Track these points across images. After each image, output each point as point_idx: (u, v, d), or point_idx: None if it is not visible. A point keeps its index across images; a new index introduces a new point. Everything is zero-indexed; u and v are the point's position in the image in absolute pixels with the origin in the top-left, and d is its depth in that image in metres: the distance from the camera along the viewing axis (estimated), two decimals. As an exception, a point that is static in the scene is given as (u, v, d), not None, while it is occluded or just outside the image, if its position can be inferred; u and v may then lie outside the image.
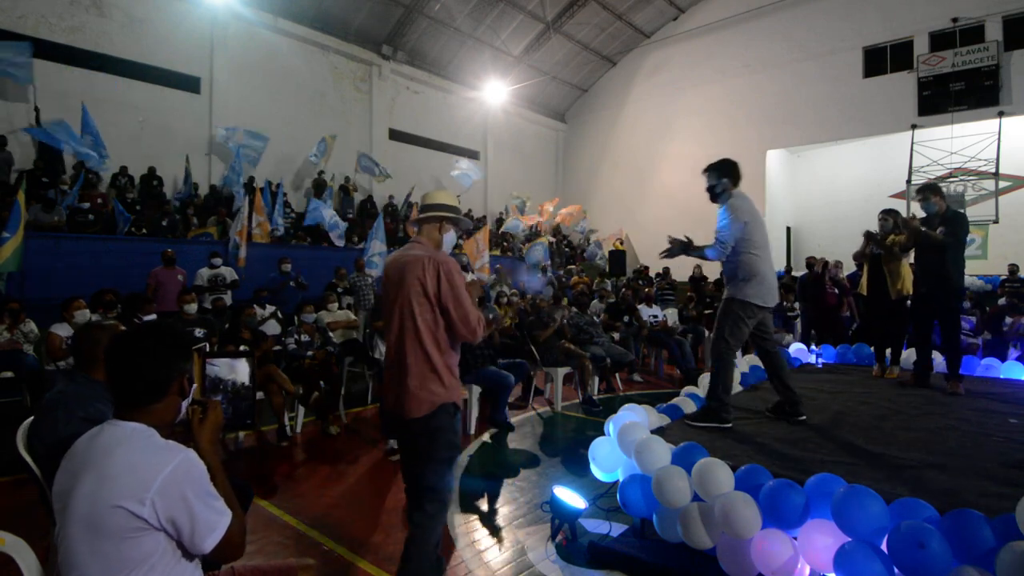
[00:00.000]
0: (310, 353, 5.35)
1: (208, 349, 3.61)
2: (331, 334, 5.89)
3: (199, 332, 5.32)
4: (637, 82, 18.27)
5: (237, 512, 1.44)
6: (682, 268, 13.65)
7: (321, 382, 5.08)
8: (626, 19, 16.73)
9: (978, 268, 12.60)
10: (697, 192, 3.79)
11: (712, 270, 13.10)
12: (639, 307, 8.67)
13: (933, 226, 4.43)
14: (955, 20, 12.91)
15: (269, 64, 12.31)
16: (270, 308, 6.95)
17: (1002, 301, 8.70)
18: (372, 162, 13.36)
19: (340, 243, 10.70)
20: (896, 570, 2.01)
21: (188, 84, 11.17)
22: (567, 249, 17.08)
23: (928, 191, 4.50)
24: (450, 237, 2.52)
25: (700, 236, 3.79)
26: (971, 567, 1.90)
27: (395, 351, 2.35)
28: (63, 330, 4.80)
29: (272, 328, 6.16)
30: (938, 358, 4.87)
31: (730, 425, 3.42)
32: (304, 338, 5.54)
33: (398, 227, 13.07)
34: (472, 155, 17.17)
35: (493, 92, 16.31)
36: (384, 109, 14.61)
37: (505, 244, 15.11)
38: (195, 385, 1.79)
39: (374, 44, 14.17)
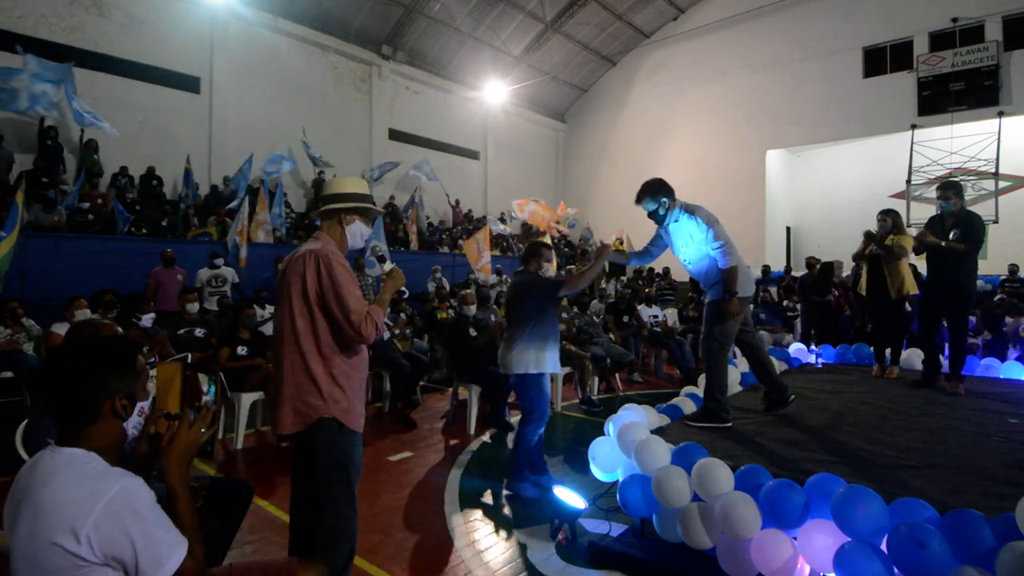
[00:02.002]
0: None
1: (190, 359, 3.56)
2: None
3: (199, 332, 5.32)
4: (637, 82, 18.27)
5: (195, 542, 1.34)
6: (683, 268, 13.67)
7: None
8: (626, 19, 16.73)
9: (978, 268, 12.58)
10: (697, 193, 3.82)
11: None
12: (639, 307, 8.67)
13: (946, 225, 4.41)
14: (955, 20, 12.91)
15: (269, 64, 12.32)
16: (271, 308, 6.96)
17: (998, 299, 8.67)
18: (386, 167, 13.41)
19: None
20: (896, 570, 2.01)
21: (188, 84, 11.17)
22: (566, 249, 17.07)
23: (950, 190, 4.45)
24: (357, 229, 2.28)
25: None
26: (971, 567, 1.89)
27: (275, 356, 2.14)
28: (63, 329, 4.80)
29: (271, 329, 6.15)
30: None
31: (730, 424, 3.42)
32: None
33: (398, 227, 13.07)
34: (472, 155, 17.18)
35: (493, 92, 16.32)
36: (384, 109, 14.62)
37: (504, 244, 15.11)
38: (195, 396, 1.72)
39: (374, 44, 14.17)
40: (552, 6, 15.31)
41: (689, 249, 3.56)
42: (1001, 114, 12.40)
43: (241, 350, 4.84)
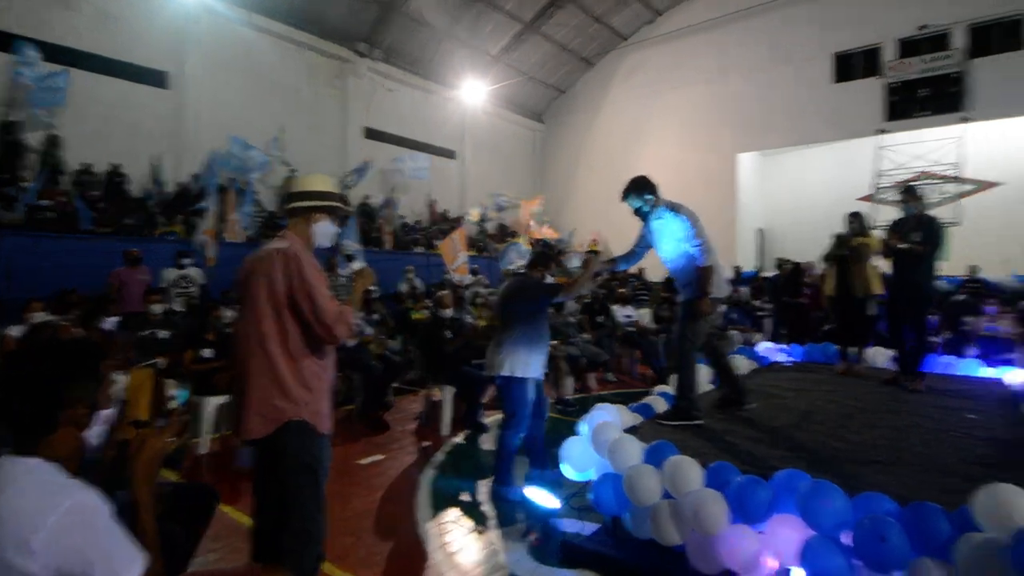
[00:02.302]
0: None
1: (161, 365, 3.46)
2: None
3: (163, 334, 5.18)
4: (614, 84, 18.41)
5: (155, 556, 1.29)
6: (657, 269, 13.82)
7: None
8: (603, 21, 16.84)
9: (940, 269, 12.98)
10: (672, 193, 3.84)
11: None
12: (613, 307, 8.72)
13: (908, 228, 4.55)
14: (922, 27, 13.28)
15: (242, 60, 12.05)
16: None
17: (959, 299, 8.96)
18: (365, 169, 13.23)
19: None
20: (859, 563, 2.05)
21: (157, 79, 10.88)
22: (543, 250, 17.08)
23: (909, 194, 4.62)
24: (324, 228, 2.21)
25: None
26: (929, 559, 1.94)
27: (238, 360, 2.07)
28: (19, 332, 4.63)
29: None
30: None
31: (701, 422, 3.46)
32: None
33: (372, 227, 12.93)
34: (449, 155, 17.09)
35: (471, 91, 16.27)
36: (360, 107, 14.44)
37: (481, 245, 15.08)
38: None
39: (350, 41, 13.99)
40: (530, 6, 15.33)
41: (669, 247, 3.60)
42: (965, 119, 12.80)
43: (206, 352, 4.72)
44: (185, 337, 5.05)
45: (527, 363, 3.54)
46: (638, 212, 3.66)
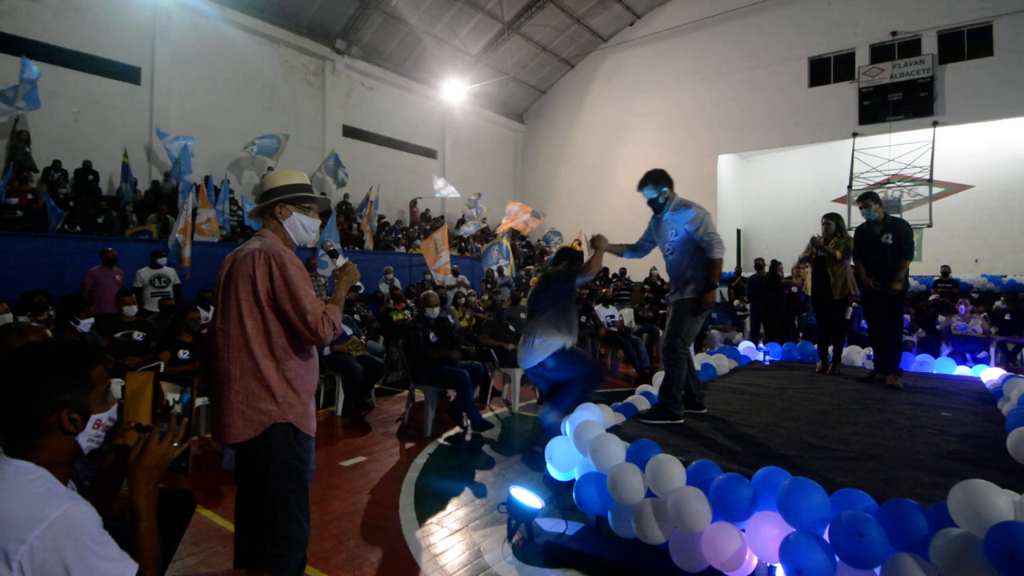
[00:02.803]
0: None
1: (160, 368, 3.39)
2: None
3: (137, 335, 5.06)
4: (594, 85, 18.51)
5: (150, 569, 1.25)
6: (638, 269, 13.92)
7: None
8: (584, 22, 16.92)
9: (913, 269, 13.28)
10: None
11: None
12: (596, 307, 8.76)
13: (876, 232, 4.67)
14: (894, 34, 13.61)
15: (215, 56, 11.83)
16: (216, 310, 6.67)
17: (932, 298, 9.20)
18: (338, 164, 13.05)
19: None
20: (837, 558, 2.08)
21: (127, 74, 10.63)
22: (524, 250, 17.12)
23: (869, 199, 4.74)
24: (296, 222, 2.13)
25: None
26: (906, 554, 1.98)
27: (216, 361, 1.99)
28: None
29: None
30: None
31: (682, 421, 3.49)
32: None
33: (351, 226, 12.81)
34: (429, 154, 17.01)
35: (451, 91, 16.19)
36: (338, 105, 14.28)
37: (464, 244, 15.04)
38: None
39: (327, 38, 13.83)
40: (511, 6, 15.33)
41: (675, 241, 3.66)
42: (935, 124, 13.15)
43: (183, 354, 4.62)
44: (161, 339, 4.94)
45: (563, 334, 3.82)
46: (652, 203, 3.71)
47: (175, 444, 1.46)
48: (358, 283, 2.34)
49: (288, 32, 13.03)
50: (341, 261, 2.28)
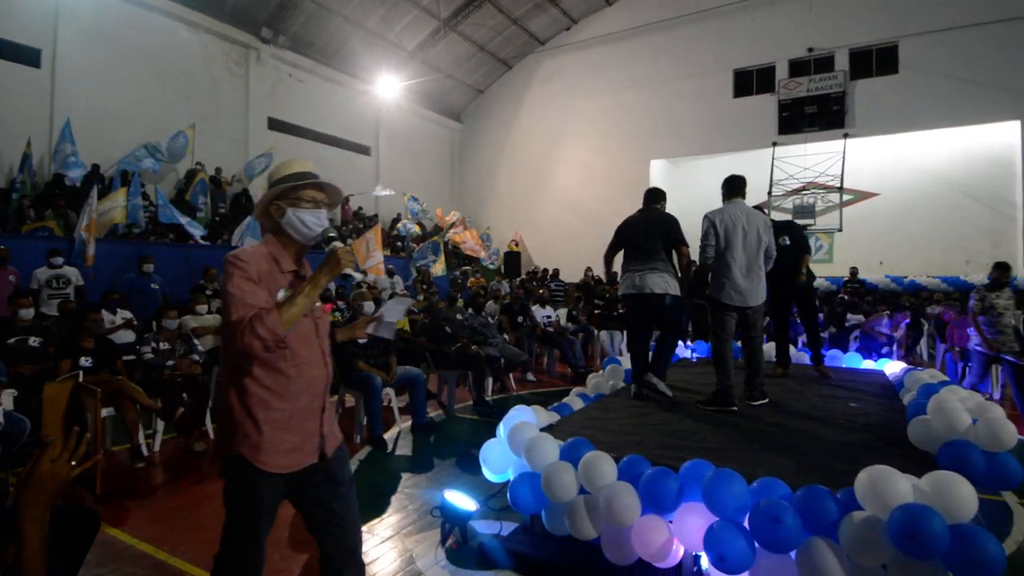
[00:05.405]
0: (171, 363, 4.83)
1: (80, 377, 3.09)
2: (197, 341, 5.34)
3: (34, 341, 4.61)
4: (532, 87, 18.67)
5: None
6: (571, 269, 14.16)
7: (184, 395, 4.60)
8: (521, 24, 17.03)
9: (824, 271, 14.28)
10: (589, 195, 3.98)
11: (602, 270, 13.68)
12: (533, 307, 8.82)
13: (777, 233, 4.98)
14: (810, 50, 14.54)
15: (126, 39, 10.92)
16: (123, 313, 6.20)
17: (842, 297, 9.89)
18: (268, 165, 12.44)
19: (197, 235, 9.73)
20: (757, 544, 2.16)
21: (25, 56, 9.69)
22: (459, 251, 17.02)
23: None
24: (298, 218, 1.81)
25: (592, 237, 3.97)
26: (818, 538, 2.09)
27: None
28: None
29: (126, 337, 5.51)
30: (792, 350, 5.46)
31: (735, 408, 3.75)
32: (163, 346, 4.97)
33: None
34: (362, 150, 16.57)
35: (385, 86, 15.76)
36: (263, 96, 13.59)
37: (399, 244, 14.76)
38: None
39: (252, 25, 13.13)
40: (447, 4, 15.19)
41: None
42: (846, 135, 14.16)
43: (85, 361, 4.25)
44: (60, 344, 4.53)
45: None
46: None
47: (72, 463, 1.31)
48: (351, 272, 1.76)
49: (208, 17, 12.24)
50: (349, 242, 1.98)
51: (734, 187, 4.25)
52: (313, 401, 1.81)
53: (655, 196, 4.50)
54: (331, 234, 1.88)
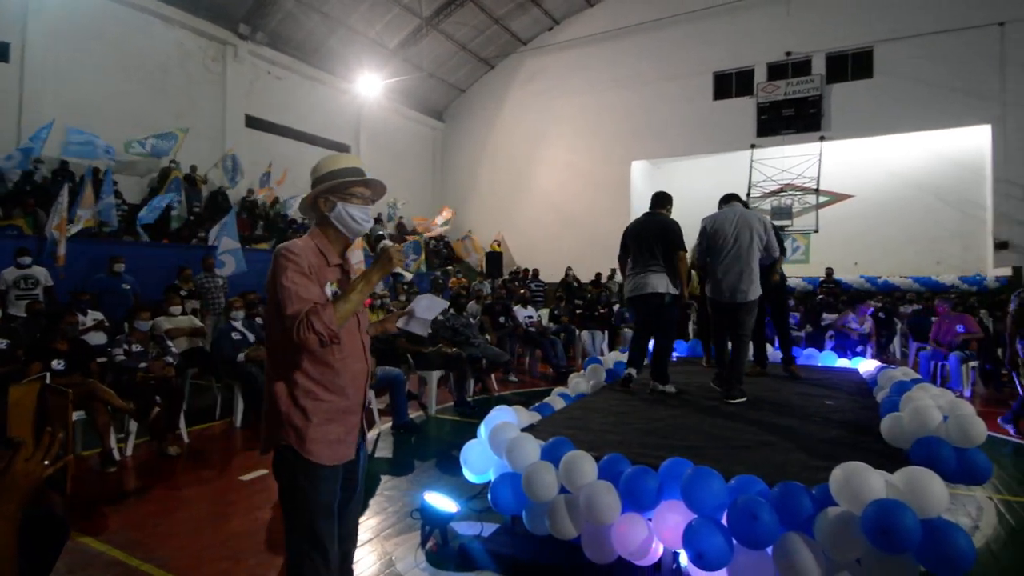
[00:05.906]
0: (143, 365, 4.72)
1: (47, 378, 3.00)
2: (171, 343, 5.23)
3: (1, 343, 4.47)
4: (514, 87, 18.67)
5: None
6: (552, 269, 14.19)
7: (157, 397, 4.50)
8: (503, 24, 17.02)
9: (801, 271, 14.53)
10: (571, 196, 3.99)
11: (585, 274, 13.76)
12: (515, 308, 8.82)
13: None
14: (788, 54, 14.78)
15: (99, 34, 10.65)
16: (94, 315, 6.05)
17: (819, 297, 10.06)
18: (236, 165, 12.22)
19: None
20: (735, 541, 2.19)
21: (-7, 50, 9.42)
22: (444, 250, 16.98)
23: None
24: (348, 213, 1.81)
25: (573, 237, 3.97)
26: (794, 533, 2.11)
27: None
28: None
29: (97, 339, 5.37)
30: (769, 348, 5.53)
31: (745, 399, 3.98)
32: (136, 348, 4.86)
33: (256, 223, 12.11)
34: (343, 149, 16.40)
35: (366, 84, 15.62)
36: (240, 93, 13.35)
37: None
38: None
39: (229, 21, 12.89)
40: (429, 2, 15.11)
41: None
42: (822, 138, 14.42)
43: (57, 364, 4.14)
44: (30, 347, 4.40)
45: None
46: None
47: (45, 463, 1.28)
48: (401, 271, 1.72)
49: (182, 12, 11.97)
50: (385, 242, 1.88)
51: (728, 196, 4.54)
52: (356, 394, 1.85)
53: (659, 201, 4.57)
54: (380, 232, 1.86)
